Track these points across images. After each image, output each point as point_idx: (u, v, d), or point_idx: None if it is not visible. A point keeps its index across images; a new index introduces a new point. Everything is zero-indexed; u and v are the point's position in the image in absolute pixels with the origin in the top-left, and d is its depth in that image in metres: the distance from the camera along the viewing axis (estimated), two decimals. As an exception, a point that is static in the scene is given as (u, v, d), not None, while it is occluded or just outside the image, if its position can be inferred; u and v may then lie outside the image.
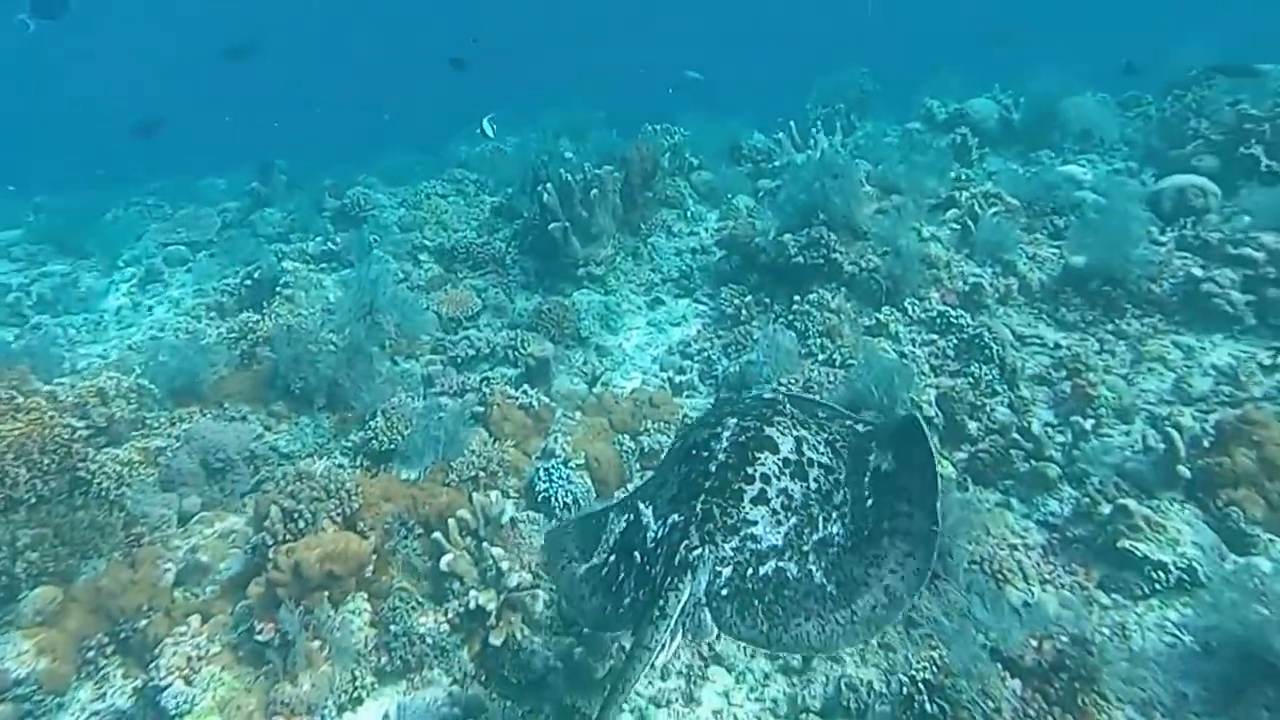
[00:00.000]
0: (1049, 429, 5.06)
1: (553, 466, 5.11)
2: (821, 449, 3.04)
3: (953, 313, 5.95)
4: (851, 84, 13.21)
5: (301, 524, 4.29)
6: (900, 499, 2.75)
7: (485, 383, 6.31)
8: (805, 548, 2.70)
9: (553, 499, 4.91)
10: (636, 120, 13.28)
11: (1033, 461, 4.74)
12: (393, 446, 5.39)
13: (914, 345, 5.86)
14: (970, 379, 5.47)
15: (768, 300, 6.95)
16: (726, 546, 2.68)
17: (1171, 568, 3.89)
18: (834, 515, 2.82)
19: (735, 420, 3.12)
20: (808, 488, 2.86)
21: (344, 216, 9.52)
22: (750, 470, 2.86)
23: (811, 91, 13.25)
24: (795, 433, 3.03)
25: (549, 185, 7.70)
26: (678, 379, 6.39)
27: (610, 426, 5.72)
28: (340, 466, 5.36)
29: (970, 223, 6.79)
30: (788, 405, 3.25)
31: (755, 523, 2.73)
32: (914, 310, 6.18)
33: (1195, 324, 5.71)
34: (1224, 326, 5.60)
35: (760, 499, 2.78)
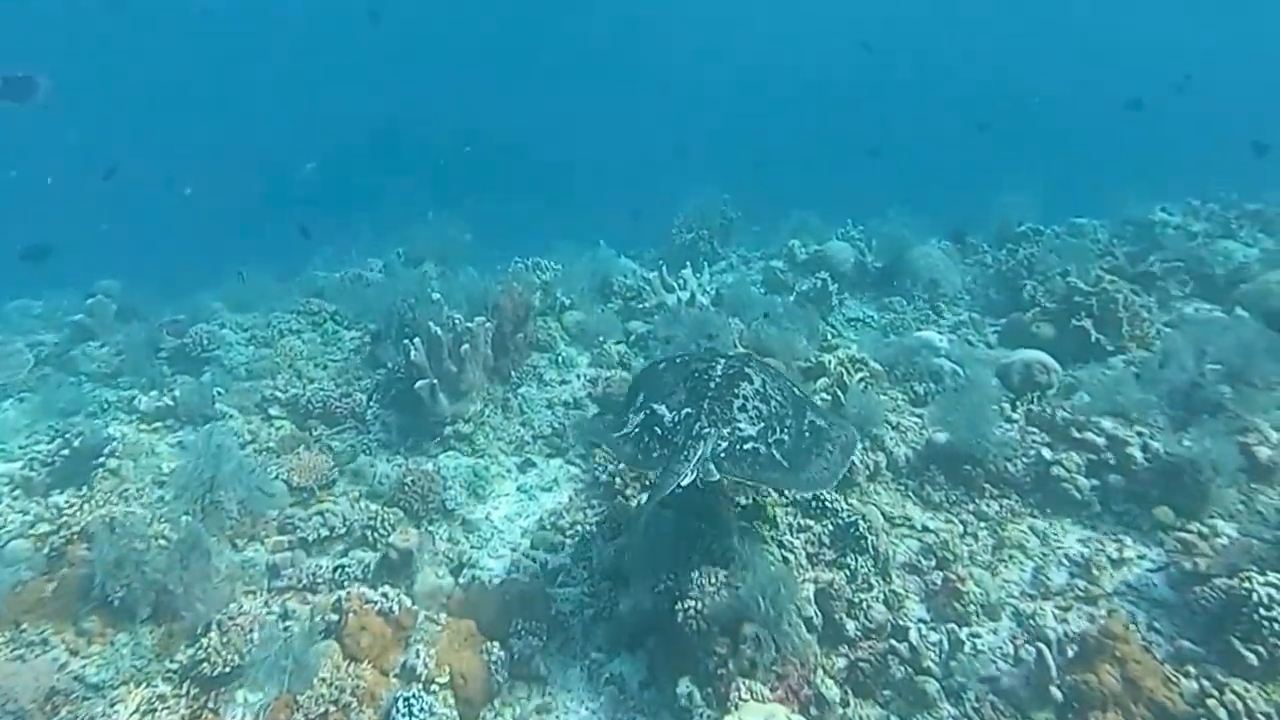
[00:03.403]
0: (923, 626, 5.09)
1: (413, 695, 4.62)
2: (776, 393, 4.95)
3: (827, 496, 5.97)
4: (714, 210, 13.70)
5: (108, 811, 3.63)
6: (829, 441, 4.86)
7: (339, 571, 5.79)
8: (770, 440, 4.58)
9: (413, 737, 4.43)
10: (504, 240, 13.17)
11: (910, 671, 4.71)
12: (228, 669, 4.76)
13: (791, 533, 5.80)
14: (847, 571, 5.46)
15: (643, 466, 6.80)
16: (724, 431, 4.54)
17: (1052, 808, 3.89)
18: (784, 430, 4.71)
19: (724, 360, 5.14)
20: (771, 409, 4.78)
21: (184, 357, 8.70)
22: (736, 391, 4.78)
23: (676, 215, 13.69)
24: (761, 376, 5.03)
25: (416, 341, 7.34)
26: (551, 561, 6.07)
27: (478, 630, 5.30)
28: (161, 698, 4.68)
29: (840, 393, 6.95)
30: (754, 359, 5.54)
31: (740, 421, 4.61)
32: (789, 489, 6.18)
33: (1048, 507, 5.98)
34: (1073, 511, 5.89)
35: (743, 409, 4.69)
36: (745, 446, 4.49)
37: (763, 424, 4.64)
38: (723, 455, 4.39)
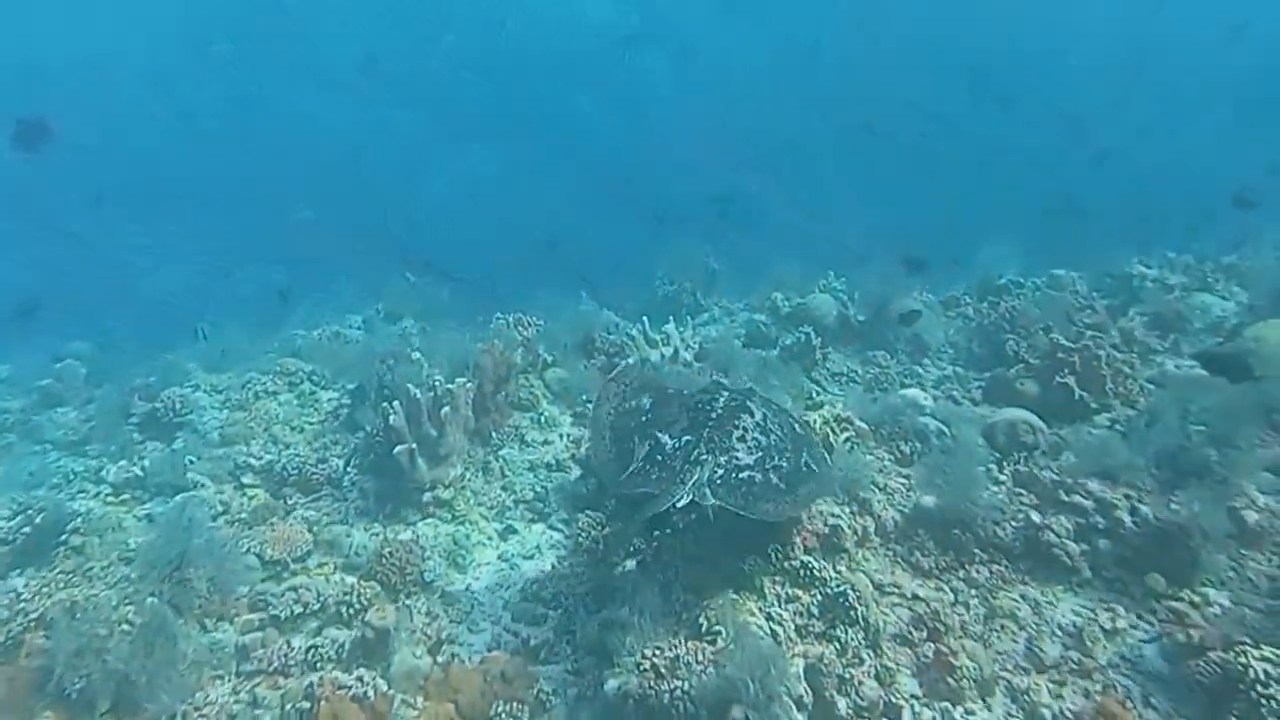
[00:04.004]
0: (916, 704, 4.94)
1: (390, 793, 4.43)
2: (775, 427, 5.30)
3: (816, 564, 5.84)
4: (697, 261, 13.72)
5: None
6: (820, 474, 5.30)
7: (312, 652, 5.58)
8: (766, 469, 4.89)
9: (389, 840, 4.22)
10: (484, 296, 13.09)
11: (907, 757, 4.57)
12: (193, 767, 4.55)
13: (779, 603, 5.65)
14: (837, 644, 5.31)
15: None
16: (721, 459, 4.80)
17: None
18: (781, 460, 5.05)
19: (726, 394, 5.53)
20: (770, 441, 5.12)
21: (155, 422, 8.50)
22: (736, 422, 5.12)
23: (659, 267, 13.72)
24: (763, 410, 5.39)
25: (395, 404, 7.20)
26: (533, 636, 5.89)
27: (456, 714, 5.11)
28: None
29: (826, 454, 6.85)
30: (756, 394, 5.78)
31: (738, 451, 4.91)
32: (777, 558, 6.03)
33: (1038, 573, 5.86)
34: (1064, 578, 5.78)
35: (741, 439, 5.00)
36: (740, 475, 4.77)
37: (760, 453, 4.96)
38: (718, 482, 4.65)
